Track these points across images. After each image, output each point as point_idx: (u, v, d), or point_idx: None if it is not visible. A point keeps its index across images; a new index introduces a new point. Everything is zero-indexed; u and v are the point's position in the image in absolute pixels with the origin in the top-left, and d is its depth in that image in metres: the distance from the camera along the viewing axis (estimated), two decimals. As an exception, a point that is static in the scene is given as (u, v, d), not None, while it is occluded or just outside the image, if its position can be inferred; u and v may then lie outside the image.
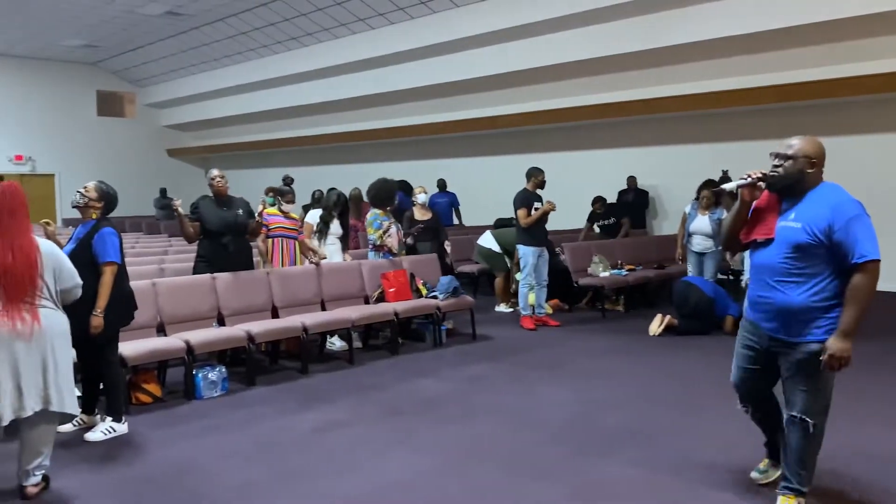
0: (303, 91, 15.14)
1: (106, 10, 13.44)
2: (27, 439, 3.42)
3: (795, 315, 2.89)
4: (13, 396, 3.25)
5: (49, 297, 3.44)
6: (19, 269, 3.30)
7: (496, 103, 12.54)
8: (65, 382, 3.43)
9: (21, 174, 17.99)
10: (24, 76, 17.77)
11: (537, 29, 10.61)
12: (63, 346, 3.46)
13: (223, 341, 5.41)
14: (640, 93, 10.67)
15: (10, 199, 3.41)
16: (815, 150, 2.92)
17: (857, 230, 2.78)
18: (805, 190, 2.93)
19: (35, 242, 3.42)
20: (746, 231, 3.09)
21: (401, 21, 12.29)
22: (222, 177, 5.92)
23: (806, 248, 2.85)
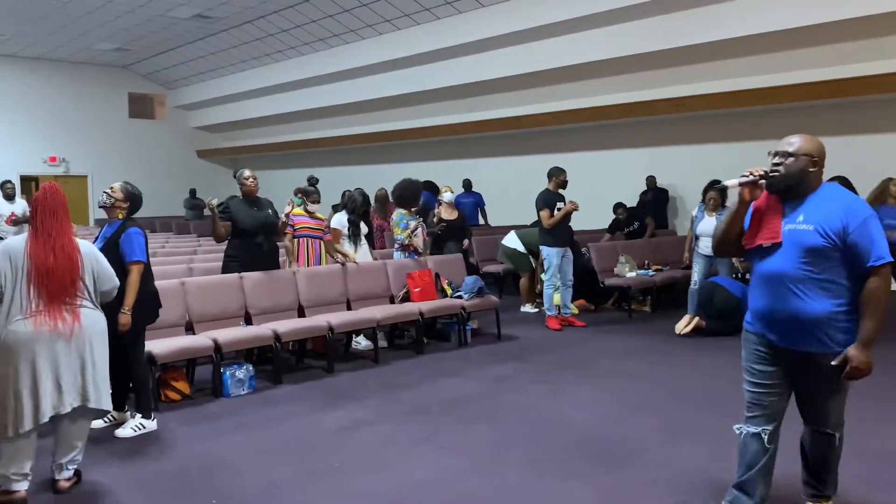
0: (329, 92, 15.24)
1: (137, 13, 13.65)
2: (63, 434, 3.50)
3: (819, 324, 2.67)
4: (53, 394, 3.32)
5: (88, 296, 3.51)
6: (61, 270, 3.37)
7: (521, 103, 12.51)
8: (102, 380, 3.51)
9: (55, 175, 18.34)
10: (59, 79, 18.12)
11: (562, 28, 10.56)
12: (101, 344, 3.53)
13: (250, 340, 5.47)
14: (664, 92, 10.57)
15: (50, 200, 3.47)
16: (817, 148, 2.75)
17: (873, 231, 2.62)
18: (807, 191, 2.74)
19: (76, 243, 3.49)
20: (749, 235, 2.84)
21: (426, 21, 12.31)
22: (254, 178, 6.00)
23: (820, 252, 2.64)
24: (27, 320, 3.29)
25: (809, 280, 2.67)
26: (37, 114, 17.90)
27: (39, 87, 17.85)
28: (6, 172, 15.68)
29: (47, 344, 3.31)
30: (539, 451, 4.04)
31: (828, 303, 2.66)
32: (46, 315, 3.32)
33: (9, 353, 3.28)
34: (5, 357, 3.29)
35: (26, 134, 17.73)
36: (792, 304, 2.70)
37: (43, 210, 3.45)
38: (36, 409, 3.28)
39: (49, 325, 3.31)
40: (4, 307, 3.31)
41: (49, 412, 3.31)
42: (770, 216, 2.77)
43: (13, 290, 3.31)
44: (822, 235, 2.63)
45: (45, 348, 3.31)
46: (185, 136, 20.57)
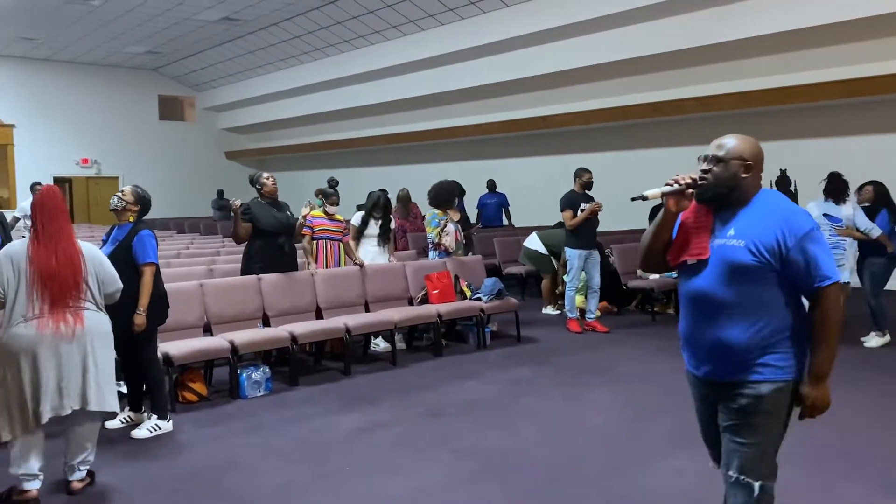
0: (355, 93, 15.29)
1: (166, 17, 13.83)
2: (72, 435, 3.53)
3: (748, 353, 2.28)
4: (54, 396, 3.33)
5: (92, 299, 3.52)
6: (63, 273, 3.37)
7: (546, 103, 12.41)
8: (104, 382, 3.50)
9: (87, 177, 18.69)
10: (91, 82, 18.45)
11: (589, 27, 10.46)
12: (103, 347, 3.53)
13: (267, 342, 5.48)
14: (694, 90, 10.40)
15: (49, 203, 3.48)
16: (752, 151, 2.37)
17: (815, 248, 2.23)
18: (742, 200, 2.34)
19: (77, 246, 3.50)
20: (675, 250, 2.45)
21: (451, 22, 12.29)
22: (273, 179, 6.05)
23: (751, 271, 2.25)
24: (30, 323, 3.31)
25: (739, 303, 2.28)
26: (70, 116, 18.23)
27: (72, 90, 18.19)
28: (40, 174, 16.01)
29: (50, 346, 3.33)
30: (555, 455, 3.98)
31: (759, 328, 2.27)
32: (49, 318, 3.33)
33: (11, 355, 3.30)
34: (7, 359, 3.32)
35: (59, 136, 18.08)
36: (717, 329, 2.32)
37: (43, 214, 3.45)
38: (36, 411, 3.30)
39: (52, 328, 3.33)
40: (7, 310, 3.34)
41: (48, 413, 3.32)
42: (698, 229, 2.40)
43: (16, 294, 3.33)
44: (753, 253, 2.25)
45: (48, 351, 3.32)
46: (213, 138, 20.80)
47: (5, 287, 3.33)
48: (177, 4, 13.00)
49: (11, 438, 3.32)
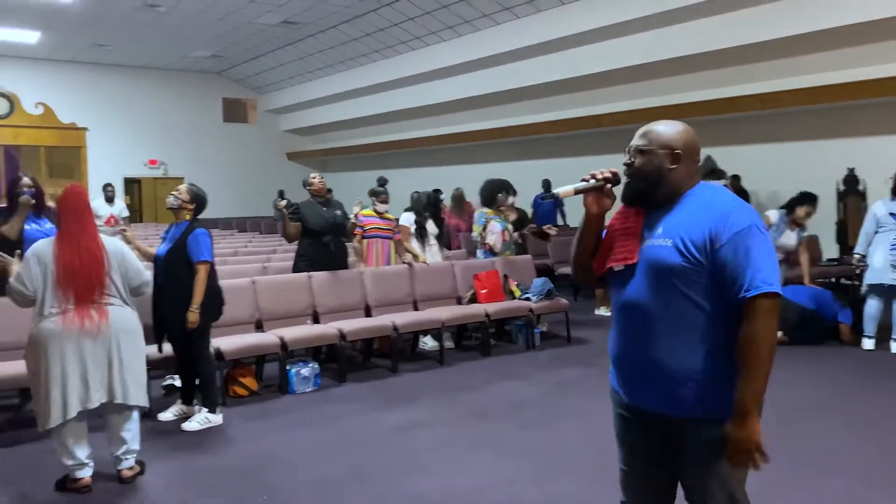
0: (412, 94, 15.39)
1: (228, 21, 14.20)
2: (109, 428, 3.66)
3: (679, 378, 1.90)
4: (80, 389, 3.44)
5: (117, 294, 3.60)
6: (86, 270, 3.47)
7: (601, 101, 12.21)
8: (130, 376, 3.58)
9: (155, 177, 19.35)
10: (159, 86, 19.09)
11: (646, 24, 10.24)
12: (129, 341, 3.59)
13: (315, 338, 5.57)
14: (753, 87, 10.05)
15: (73, 202, 3.59)
16: (682, 139, 2.00)
17: (751, 247, 1.84)
18: (672, 196, 1.98)
19: (101, 242, 3.59)
20: (600, 257, 2.10)
21: (506, 21, 12.23)
22: (321, 178, 6.16)
23: (680, 275, 1.88)
24: (56, 318, 3.42)
25: (669, 314, 1.91)
26: (139, 119, 18.92)
27: (141, 94, 18.86)
28: (111, 175, 16.65)
29: (75, 341, 3.43)
30: (599, 459, 3.90)
31: (694, 347, 1.89)
32: (74, 313, 3.43)
33: (39, 349, 3.43)
34: (36, 353, 3.45)
35: (129, 138, 18.77)
36: (646, 347, 1.95)
37: (67, 212, 3.56)
38: (64, 403, 3.41)
39: (77, 324, 3.42)
40: (36, 306, 3.46)
41: (77, 407, 3.43)
42: (625, 232, 2.05)
43: (43, 290, 3.44)
44: (680, 251, 1.89)
45: (73, 345, 3.42)
46: (275, 139, 21.25)
47: (34, 284, 3.44)
48: (238, 9, 13.33)
49: (48, 428, 3.44)
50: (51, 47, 16.31)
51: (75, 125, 18.14)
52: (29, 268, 3.44)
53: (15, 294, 3.46)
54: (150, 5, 13.03)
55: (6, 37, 15.17)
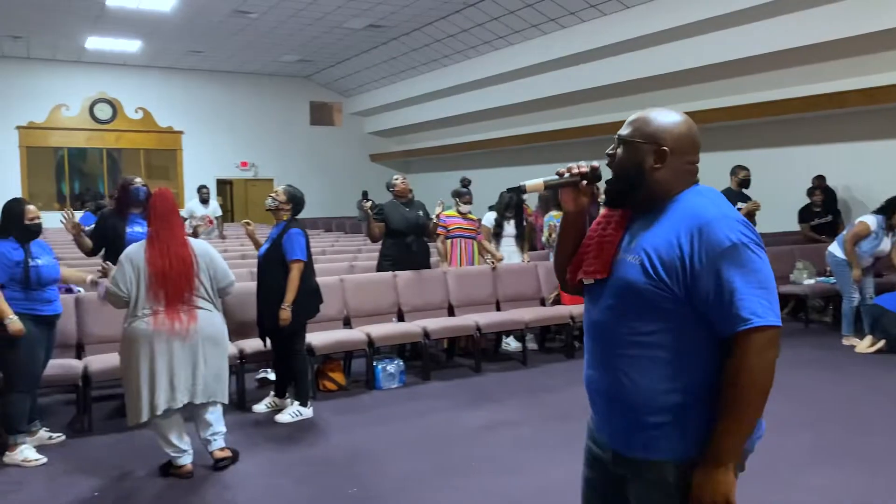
0: (495, 93, 15.40)
1: (316, 26, 14.59)
2: (196, 416, 3.82)
3: (643, 416, 1.63)
4: (167, 390, 3.61)
5: (206, 296, 3.75)
6: (175, 273, 3.62)
7: (690, 98, 11.88)
8: (212, 377, 3.72)
9: (246, 179, 20.07)
10: (249, 91, 19.80)
11: (737, 18, 9.89)
12: (213, 345, 3.73)
13: (401, 336, 5.66)
14: (858, 82, 9.57)
15: (161, 206, 3.75)
16: (671, 131, 1.68)
17: (736, 273, 1.53)
18: (654, 201, 1.68)
19: (189, 245, 3.74)
20: (574, 267, 1.84)
21: (592, 19, 12.07)
22: (404, 179, 6.25)
23: (649, 298, 1.60)
24: (148, 319, 3.58)
25: (635, 342, 1.63)
26: (231, 123, 19.67)
27: (233, 98, 19.61)
28: (205, 177, 17.42)
29: (165, 342, 3.58)
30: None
31: (661, 383, 1.61)
32: (164, 315, 3.59)
33: (130, 348, 3.61)
34: (128, 352, 3.63)
35: (222, 141, 19.54)
36: (607, 376, 1.70)
37: (156, 216, 3.72)
38: (152, 401, 3.58)
39: (166, 326, 3.58)
40: (130, 307, 3.63)
41: (163, 406, 3.59)
42: (601, 241, 1.76)
43: (136, 292, 3.61)
44: (646, 271, 1.60)
45: (163, 346, 3.58)
46: (359, 141, 21.68)
47: (128, 286, 3.61)
48: (326, 14, 13.68)
49: (131, 424, 3.64)
50: (150, 55, 17.18)
51: (172, 129, 19.03)
52: (123, 270, 3.62)
53: (111, 296, 3.66)
54: (241, 12, 13.54)
55: (111, 46, 16.08)
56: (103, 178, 18.63)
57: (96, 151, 18.53)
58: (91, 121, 18.13)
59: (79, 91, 17.88)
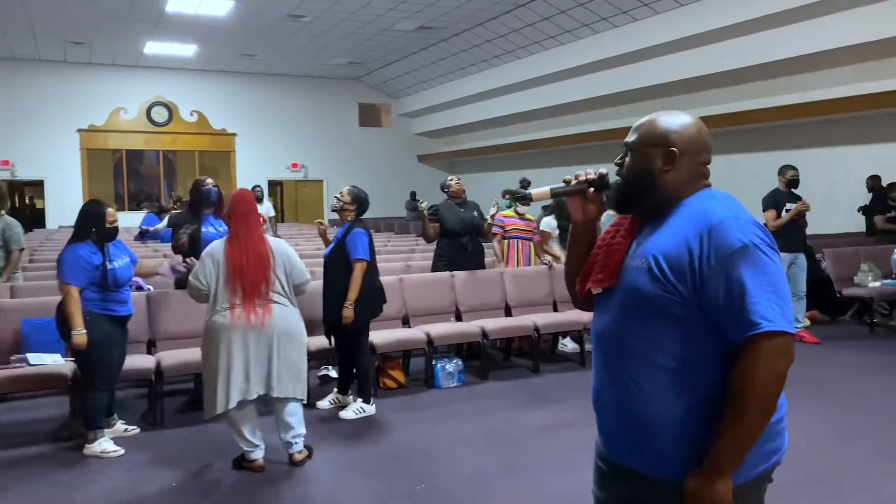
0: (543, 94, 15.35)
1: (366, 28, 14.75)
2: (276, 415, 3.91)
3: (654, 431, 1.57)
4: (242, 382, 3.69)
5: (282, 291, 3.83)
6: (252, 269, 3.72)
7: (743, 98, 11.66)
8: (287, 371, 3.79)
9: (296, 180, 20.39)
10: (300, 93, 20.11)
11: (796, 15, 9.69)
12: (288, 339, 3.80)
13: (459, 335, 5.70)
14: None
15: (240, 204, 3.85)
16: (680, 133, 1.64)
17: (748, 274, 1.47)
18: (666, 205, 1.63)
19: (267, 243, 3.84)
20: (583, 277, 1.79)
21: (644, 17, 11.95)
22: (458, 180, 6.28)
23: (654, 304, 1.55)
24: (226, 313, 3.69)
25: (645, 352, 1.57)
26: (282, 125, 20.01)
27: (284, 100, 19.94)
28: (257, 177, 17.76)
29: (241, 335, 3.68)
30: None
31: (674, 395, 1.55)
32: (242, 309, 3.69)
33: (210, 341, 3.72)
34: (208, 345, 3.74)
35: (273, 143, 19.90)
36: (617, 389, 1.64)
37: (235, 215, 3.83)
38: (227, 393, 3.67)
39: (243, 319, 3.67)
40: (210, 301, 3.75)
41: (237, 397, 3.68)
42: (610, 249, 1.70)
43: (216, 287, 3.73)
44: (654, 275, 1.55)
45: (239, 339, 3.68)
46: (407, 142, 21.83)
47: (207, 280, 3.73)
48: (376, 17, 13.81)
49: (209, 416, 3.73)
50: (205, 59, 17.59)
51: (225, 131, 19.45)
52: (204, 266, 3.76)
53: (192, 289, 3.79)
54: (295, 16, 13.76)
55: (168, 51, 16.51)
56: (159, 179, 19.15)
57: (152, 153, 19.06)
58: (148, 123, 18.64)
59: (137, 95, 18.42)
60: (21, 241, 5.87)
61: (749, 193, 9.05)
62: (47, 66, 17.35)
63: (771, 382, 1.45)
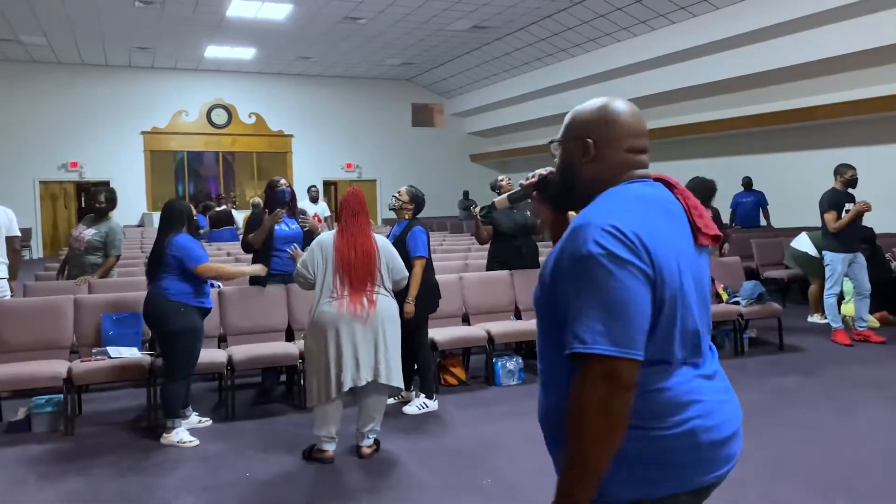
0: (597, 92, 15.17)
1: (421, 29, 14.87)
2: (363, 406, 4.00)
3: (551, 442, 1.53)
4: (353, 368, 3.82)
5: (383, 285, 3.99)
6: (360, 263, 3.88)
7: (813, 92, 11.35)
8: (392, 359, 3.95)
9: (350, 180, 20.65)
10: (355, 94, 20.37)
11: (867, 7, 9.40)
12: (392, 328, 3.98)
13: (519, 334, 5.72)
14: None
15: (352, 202, 4.03)
16: (593, 120, 1.56)
17: (578, 287, 1.37)
18: (588, 199, 1.52)
19: (374, 239, 4.00)
20: None
21: (704, 13, 11.75)
22: (509, 180, 6.25)
23: (539, 310, 1.53)
24: (334, 303, 3.83)
25: (546, 361, 1.53)
26: (337, 126, 20.29)
27: (339, 102, 20.22)
28: (312, 178, 18.06)
29: (348, 324, 3.81)
30: (823, 469, 3.71)
31: (543, 395, 1.54)
32: (349, 300, 3.83)
33: (318, 330, 3.84)
34: (315, 333, 3.86)
35: (328, 144, 20.20)
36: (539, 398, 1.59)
37: (346, 211, 4.01)
38: (339, 380, 3.79)
39: (350, 309, 3.82)
40: (317, 290, 3.90)
41: (349, 384, 3.80)
42: None
43: (323, 277, 3.88)
44: (542, 281, 1.51)
45: (347, 328, 3.81)
46: (459, 142, 21.90)
47: (315, 270, 3.89)
48: (431, 17, 13.91)
49: (317, 404, 3.85)
50: (263, 62, 17.97)
51: (282, 132, 19.83)
52: (313, 256, 3.92)
53: (299, 277, 3.97)
54: (351, 18, 13.96)
55: (228, 54, 16.94)
56: (218, 179, 19.62)
57: (212, 154, 19.55)
58: (208, 125, 19.13)
59: (197, 97, 18.93)
60: (119, 249, 5.89)
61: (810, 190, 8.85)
62: (113, 71, 17.98)
63: (591, 407, 1.32)
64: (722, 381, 1.58)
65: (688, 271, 1.46)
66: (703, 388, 1.48)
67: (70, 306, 4.96)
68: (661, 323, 1.40)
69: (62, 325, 4.88)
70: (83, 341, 4.92)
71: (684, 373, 1.46)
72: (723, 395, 1.55)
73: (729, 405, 1.55)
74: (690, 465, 1.45)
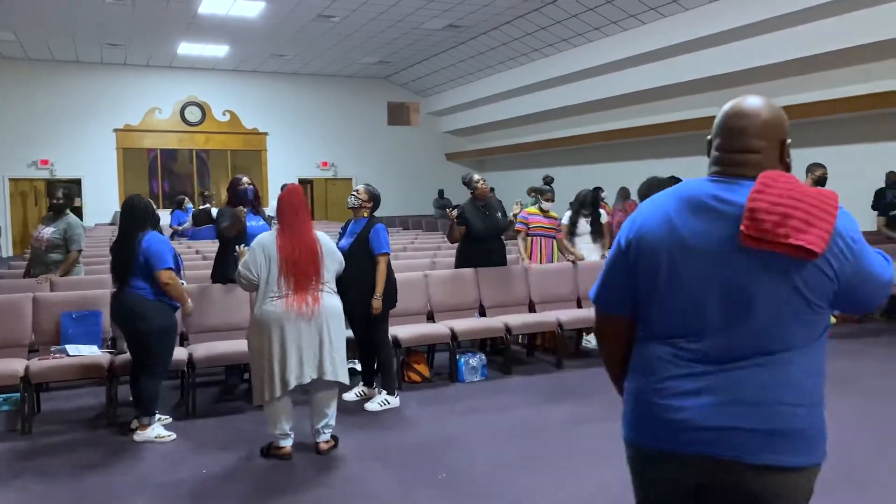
0: (571, 91, 15.32)
1: (396, 28, 14.87)
2: (314, 402, 4.03)
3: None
4: (296, 366, 3.83)
5: (328, 280, 4.00)
6: (303, 261, 3.88)
7: (785, 92, 11.47)
8: (338, 355, 3.95)
9: (325, 178, 20.61)
10: (330, 92, 20.32)
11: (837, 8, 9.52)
12: (337, 325, 3.98)
13: (483, 331, 5.78)
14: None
15: (291, 199, 4.00)
16: None
17: None
18: None
19: (315, 236, 3.99)
20: None
21: (673, 14, 11.88)
22: (484, 181, 6.28)
23: None
24: (277, 301, 3.83)
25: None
26: (312, 124, 20.23)
27: (314, 100, 20.16)
28: (287, 177, 17.95)
29: (293, 323, 3.82)
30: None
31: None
32: (293, 298, 3.83)
33: (262, 328, 3.84)
34: (259, 332, 3.86)
35: (303, 142, 20.13)
36: None
37: (286, 209, 3.97)
38: (283, 378, 3.80)
39: (295, 307, 3.82)
40: (260, 290, 3.89)
41: (293, 382, 3.81)
42: None
43: (267, 276, 3.87)
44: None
45: (292, 326, 3.81)
46: (435, 141, 21.93)
47: (258, 271, 3.87)
48: (405, 16, 13.92)
49: (265, 402, 3.86)
50: (237, 59, 17.86)
51: (257, 130, 19.72)
52: (255, 256, 3.90)
53: (241, 279, 3.94)
54: (325, 16, 13.92)
55: (201, 51, 16.81)
56: (192, 177, 19.48)
57: (186, 152, 19.39)
58: (182, 123, 18.97)
59: (171, 95, 18.76)
60: (80, 243, 5.92)
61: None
62: (84, 68, 17.77)
63: None
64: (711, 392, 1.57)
65: (691, 265, 1.59)
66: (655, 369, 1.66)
67: (29, 304, 4.93)
68: (642, 300, 1.68)
69: (21, 324, 4.85)
70: (42, 339, 4.89)
71: (653, 347, 1.67)
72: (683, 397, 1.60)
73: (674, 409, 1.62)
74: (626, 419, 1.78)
